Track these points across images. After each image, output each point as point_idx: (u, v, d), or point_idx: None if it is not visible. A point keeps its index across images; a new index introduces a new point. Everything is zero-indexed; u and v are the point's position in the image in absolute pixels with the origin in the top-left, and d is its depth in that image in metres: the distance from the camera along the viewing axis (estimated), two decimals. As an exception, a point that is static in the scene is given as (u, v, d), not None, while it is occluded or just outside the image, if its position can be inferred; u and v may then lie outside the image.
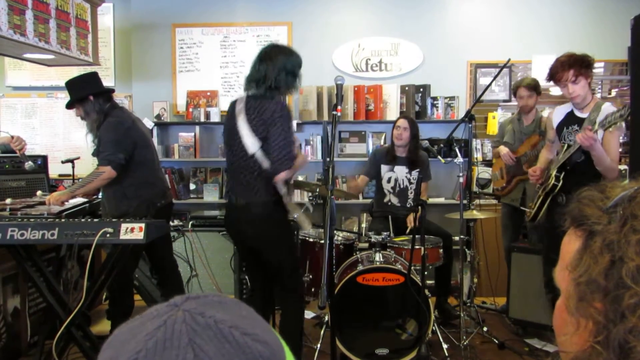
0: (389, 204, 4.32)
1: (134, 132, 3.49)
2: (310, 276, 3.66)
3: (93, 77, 3.59)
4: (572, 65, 3.07)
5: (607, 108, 3.13)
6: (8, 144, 3.69)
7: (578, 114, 3.25)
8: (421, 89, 5.26)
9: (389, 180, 4.31)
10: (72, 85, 3.50)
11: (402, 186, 4.28)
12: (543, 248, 3.69)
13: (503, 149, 4.37)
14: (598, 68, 5.16)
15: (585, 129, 2.97)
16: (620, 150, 3.85)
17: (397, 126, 4.24)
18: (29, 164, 3.71)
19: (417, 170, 4.23)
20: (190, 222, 4.94)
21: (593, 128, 2.92)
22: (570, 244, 0.70)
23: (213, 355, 0.51)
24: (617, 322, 0.59)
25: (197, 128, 5.41)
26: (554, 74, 3.15)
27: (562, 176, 3.22)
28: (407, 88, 5.27)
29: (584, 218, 0.68)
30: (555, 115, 3.40)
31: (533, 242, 4.13)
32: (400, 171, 4.28)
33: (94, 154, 3.53)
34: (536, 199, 3.44)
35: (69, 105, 3.53)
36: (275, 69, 2.91)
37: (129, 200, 3.43)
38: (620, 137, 3.25)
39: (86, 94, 3.44)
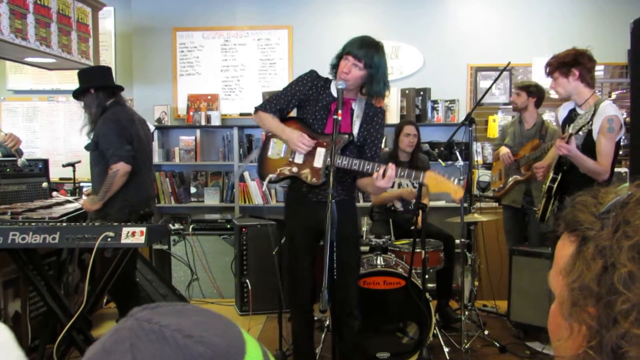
0: (392, 208, 4.32)
1: (131, 131, 3.44)
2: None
3: (101, 71, 3.57)
4: (550, 64, 3.17)
5: (604, 108, 3.14)
6: (4, 142, 3.66)
7: (580, 111, 3.25)
8: (421, 92, 5.27)
9: (392, 186, 4.29)
10: (80, 76, 3.50)
11: None
12: (551, 253, 3.67)
13: (503, 149, 4.37)
14: (598, 71, 5.16)
15: (559, 138, 3.07)
16: (620, 152, 3.83)
17: (407, 134, 4.21)
18: (22, 161, 3.67)
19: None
20: (191, 226, 4.95)
21: (570, 136, 3.01)
22: (564, 248, 0.70)
23: (150, 356, 0.55)
24: (609, 328, 0.60)
25: (198, 131, 5.42)
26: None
27: (559, 177, 3.25)
28: (407, 91, 5.27)
29: (577, 223, 0.68)
30: (560, 112, 3.44)
31: (534, 245, 4.13)
32: (403, 176, 4.27)
33: (86, 148, 3.50)
34: (541, 198, 3.47)
35: (74, 95, 3.52)
36: None
37: (113, 202, 3.38)
38: (621, 138, 3.23)
39: (87, 86, 3.40)
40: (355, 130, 2.82)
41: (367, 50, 2.69)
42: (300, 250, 2.90)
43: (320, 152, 2.77)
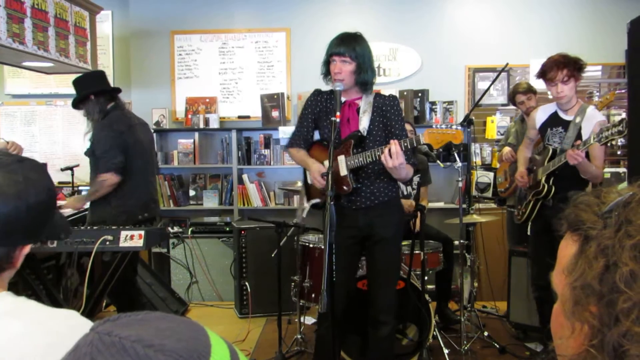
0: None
1: (127, 137, 3.40)
2: (311, 282, 3.66)
3: (97, 76, 3.56)
4: (567, 65, 3.09)
5: (592, 113, 3.16)
6: (5, 149, 3.66)
7: (562, 115, 3.26)
8: (419, 94, 5.28)
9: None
10: (76, 84, 3.48)
11: (405, 193, 4.25)
12: (528, 249, 3.70)
13: (505, 149, 4.42)
14: (595, 71, 5.18)
15: (575, 146, 3.02)
16: (619, 153, 3.84)
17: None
18: None
19: (418, 175, 4.23)
20: (190, 229, 4.95)
21: (585, 145, 2.97)
22: (567, 248, 0.71)
23: None
24: (611, 326, 0.60)
25: (196, 134, 5.42)
26: (546, 72, 3.15)
27: (551, 181, 3.26)
28: (405, 93, 5.28)
29: (579, 223, 0.69)
30: (538, 114, 3.40)
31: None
32: (403, 179, 4.25)
33: (86, 154, 3.50)
34: (526, 202, 3.45)
35: (74, 105, 3.50)
36: None
37: (110, 208, 3.37)
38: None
39: (87, 93, 3.39)
40: (364, 125, 2.79)
41: (348, 44, 2.72)
42: (340, 257, 2.77)
43: (341, 159, 2.78)
